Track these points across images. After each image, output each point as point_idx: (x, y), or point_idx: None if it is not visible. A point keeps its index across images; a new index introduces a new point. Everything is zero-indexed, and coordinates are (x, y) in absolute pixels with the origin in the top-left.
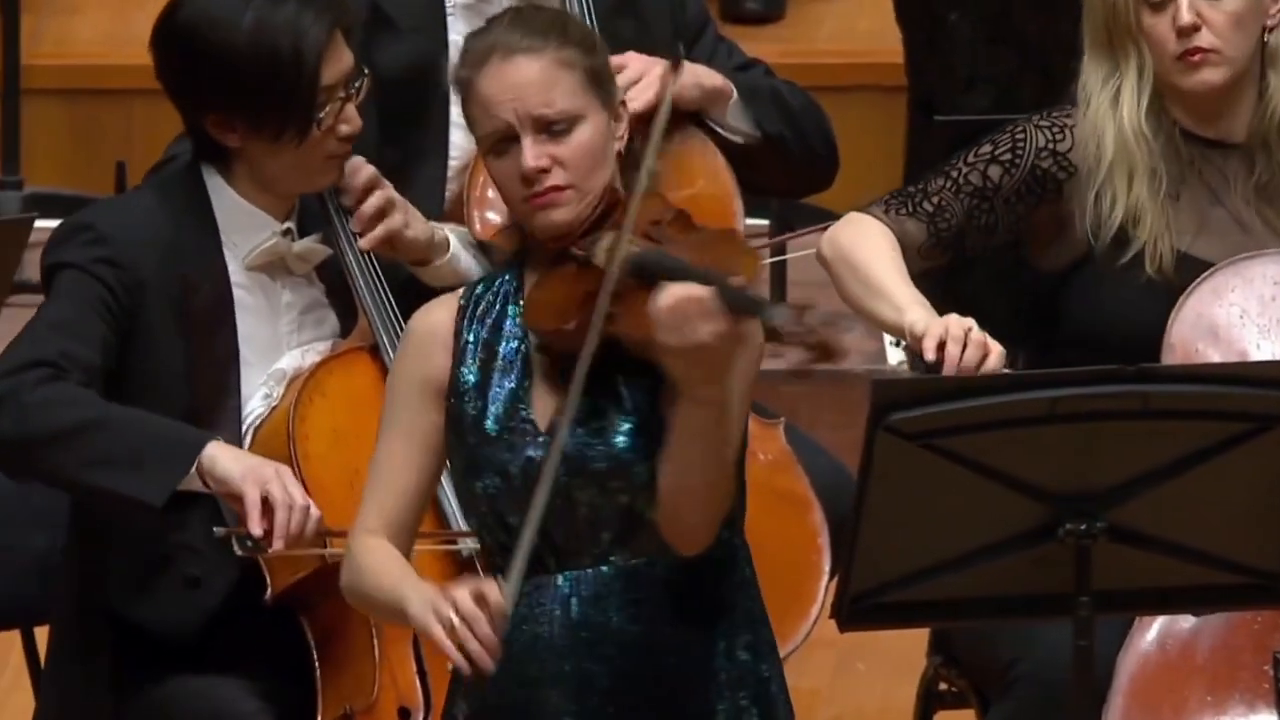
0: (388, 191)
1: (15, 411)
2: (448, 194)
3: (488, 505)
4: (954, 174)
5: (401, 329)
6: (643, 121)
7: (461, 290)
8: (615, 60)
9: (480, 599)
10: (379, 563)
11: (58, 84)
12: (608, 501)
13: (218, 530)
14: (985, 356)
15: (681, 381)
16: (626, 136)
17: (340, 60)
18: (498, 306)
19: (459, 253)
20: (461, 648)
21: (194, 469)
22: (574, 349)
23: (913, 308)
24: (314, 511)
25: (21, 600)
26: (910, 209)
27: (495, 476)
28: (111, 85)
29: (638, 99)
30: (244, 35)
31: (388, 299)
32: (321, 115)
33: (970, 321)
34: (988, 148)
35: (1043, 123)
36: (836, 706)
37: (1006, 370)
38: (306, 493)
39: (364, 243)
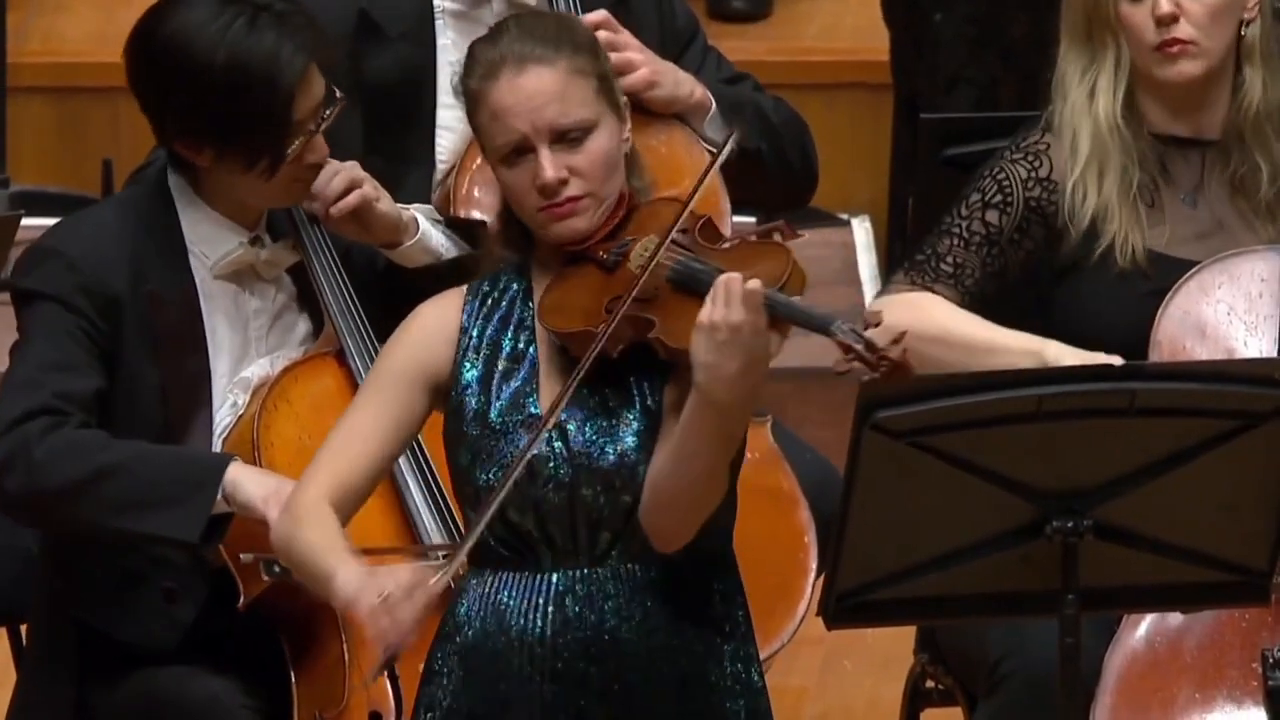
0: (352, 171)
1: (25, 469)
2: (434, 199)
3: (488, 498)
4: (955, 230)
5: (368, 334)
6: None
7: (466, 286)
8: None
9: (413, 586)
10: (320, 524)
11: (45, 82)
12: (612, 501)
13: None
14: None
15: (705, 381)
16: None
17: (313, 93)
18: (504, 306)
19: (428, 231)
20: (389, 618)
21: (220, 494)
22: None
23: (1043, 346)
24: None
25: (8, 599)
26: (933, 275)
27: (498, 469)
28: (98, 83)
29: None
30: (219, 66)
31: (354, 304)
32: (291, 149)
33: None
34: (976, 197)
35: (1016, 156)
36: (823, 704)
37: None
38: None
39: (338, 208)
